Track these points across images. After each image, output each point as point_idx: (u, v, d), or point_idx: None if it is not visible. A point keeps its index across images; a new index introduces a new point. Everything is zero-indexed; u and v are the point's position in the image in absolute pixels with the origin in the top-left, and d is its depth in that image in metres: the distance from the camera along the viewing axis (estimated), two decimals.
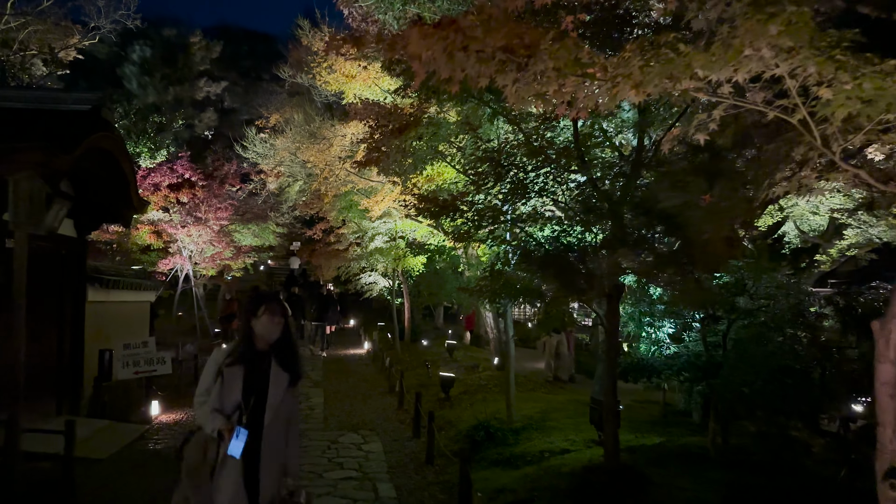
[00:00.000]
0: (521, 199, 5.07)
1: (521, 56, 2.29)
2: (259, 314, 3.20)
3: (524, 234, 5.25)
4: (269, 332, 3.20)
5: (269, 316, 3.20)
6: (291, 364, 3.31)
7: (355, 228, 17.88)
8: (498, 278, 5.41)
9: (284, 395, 3.26)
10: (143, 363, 9.34)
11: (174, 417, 9.53)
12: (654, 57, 2.24)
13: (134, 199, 9.39)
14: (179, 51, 35.80)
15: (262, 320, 3.19)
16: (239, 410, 3.17)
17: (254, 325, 3.21)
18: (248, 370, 3.18)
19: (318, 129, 13.94)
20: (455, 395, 11.03)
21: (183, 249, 17.94)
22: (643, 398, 10.26)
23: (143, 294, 12.02)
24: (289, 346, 3.32)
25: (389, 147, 6.91)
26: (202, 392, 3.37)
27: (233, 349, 3.29)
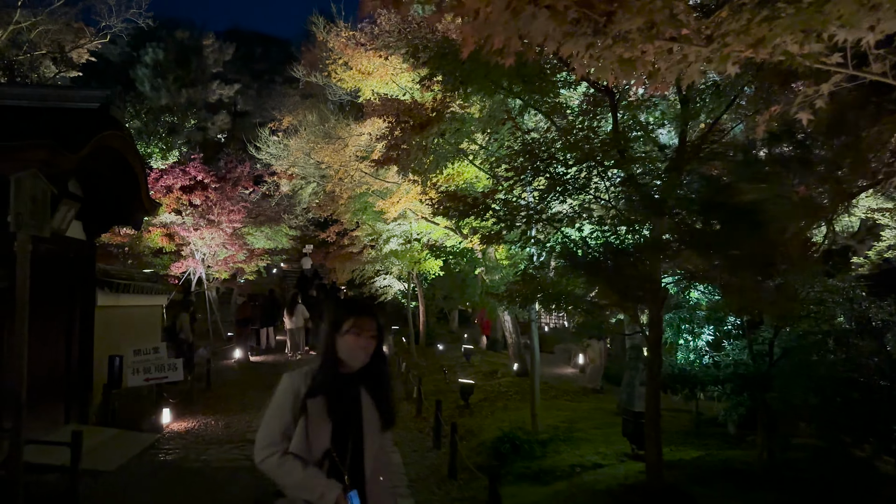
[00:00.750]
0: (559, 196, 4.70)
1: (600, 13, 1.91)
2: (344, 330, 2.40)
3: (561, 234, 4.88)
4: (355, 354, 2.39)
5: (356, 334, 2.39)
6: (384, 399, 2.51)
7: (370, 231, 17.57)
8: (530, 282, 5.05)
9: (381, 441, 2.52)
10: (153, 370, 9.05)
11: (186, 426, 9.23)
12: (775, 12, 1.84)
13: (145, 201, 9.12)
14: (192, 53, 35.68)
15: (347, 339, 2.39)
16: (328, 460, 2.36)
17: (338, 344, 2.42)
18: (334, 403, 2.38)
19: (333, 128, 13.62)
20: (475, 403, 10.66)
21: (195, 252, 17.71)
22: (670, 406, 9.84)
23: (154, 298, 11.76)
24: (382, 376, 2.52)
25: (410, 144, 6.56)
26: (275, 436, 2.40)
27: (314, 372, 2.44)
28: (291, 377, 2.44)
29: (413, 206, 13.58)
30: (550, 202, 4.84)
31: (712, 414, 8.49)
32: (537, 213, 4.83)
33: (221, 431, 9.02)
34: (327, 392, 2.37)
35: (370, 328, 2.41)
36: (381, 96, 8.20)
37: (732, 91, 4.54)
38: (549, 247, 4.95)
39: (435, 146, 6.59)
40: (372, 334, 2.41)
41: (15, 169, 5.39)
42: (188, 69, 33.90)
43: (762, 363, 5.37)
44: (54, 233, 7.87)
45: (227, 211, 17.97)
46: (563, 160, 4.58)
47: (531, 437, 7.35)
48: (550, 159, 4.60)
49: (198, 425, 9.33)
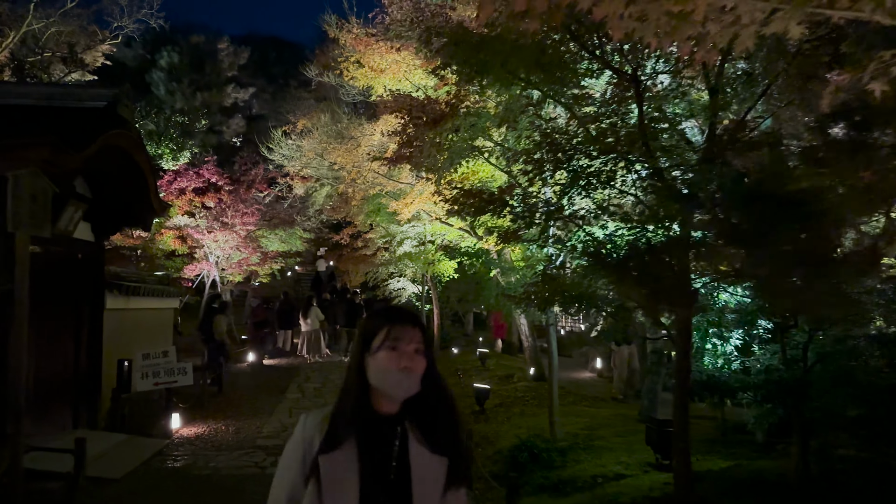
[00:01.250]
0: (582, 191, 4.43)
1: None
2: (376, 345, 1.66)
3: (583, 232, 4.62)
4: (395, 380, 1.63)
5: (394, 348, 1.64)
6: (447, 444, 1.71)
7: (383, 233, 17.37)
8: (550, 283, 4.79)
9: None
10: (163, 374, 8.88)
11: (196, 431, 9.04)
12: None
13: (154, 202, 8.97)
14: (207, 57, 35.77)
15: (381, 359, 1.65)
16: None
17: (369, 367, 1.67)
18: (363, 457, 1.64)
19: (346, 128, 13.44)
20: (490, 408, 10.39)
21: (209, 255, 17.60)
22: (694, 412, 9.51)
23: (165, 301, 11.62)
24: (440, 409, 1.73)
25: (423, 140, 6.32)
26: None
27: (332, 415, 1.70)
28: (304, 423, 1.73)
29: (427, 207, 13.35)
30: (572, 198, 4.57)
31: (737, 420, 8.17)
32: (557, 210, 4.57)
33: (231, 437, 8.82)
34: (355, 439, 1.63)
35: (413, 340, 1.66)
36: (394, 93, 7.99)
37: (765, 79, 4.26)
38: (569, 245, 4.69)
39: (449, 143, 6.34)
40: (417, 348, 1.65)
41: (18, 168, 5.23)
42: (203, 73, 33.99)
43: (796, 369, 5.06)
44: (61, 234, 7.74)
45: (241, 213, 17.84)
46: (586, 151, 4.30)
47: (550, 445, 7.07)
48: (574, 151, 4.32)
49: (208, 430, 9.14)
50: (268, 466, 7.37)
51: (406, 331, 1.67)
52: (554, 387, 7.61)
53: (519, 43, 4.09)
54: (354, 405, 1.67)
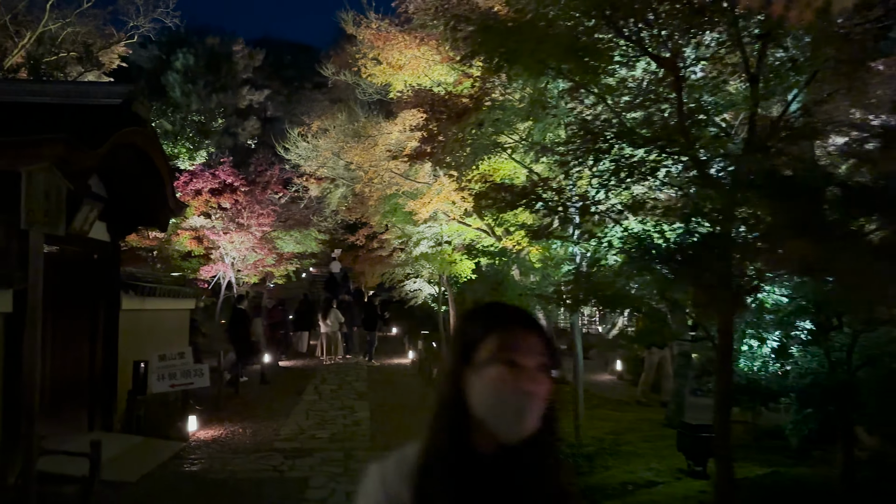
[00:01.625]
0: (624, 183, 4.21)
1: None
2: (484, 358, 1.16)
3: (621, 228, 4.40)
4: (516, 409, 1.13)
5: (511, 363, 1.14)
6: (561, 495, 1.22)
7: (399, 233, 17.20)
8: (583, 282, 4.58)
9: None
10: (179, 375, 8.75)
11: (212, 434, 8.90)
12: None
13: (170, 201, 8.85)
14: (222, 59, 35.85)
15: (492, 378, 1.14)
16: None
17: (472, 389, 1.17)
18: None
19: (363, 127, 13.27)
20: None
21: (225, 256, 17.53)
22: None
23: (181, 302, 11.51)
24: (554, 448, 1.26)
25: (446, 136, 6.12)
26: None
27: (423, 462, 1.19)
28: (382, 475, 1.24)
29: (444, 207, 13.16)
30: (610, 191, 4.35)
31: (768, 425, 7.90)
32: (594, 204, 4.35)
33: (248, 440, 8.68)
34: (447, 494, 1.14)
35: (536, 351, 1.17)
36: (415, 88, 7.80)
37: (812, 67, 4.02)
38: (605, 242, 4.47)
39: (472, 138, 6.14)
40: (541, 363, 1.17)
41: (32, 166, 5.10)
42: (218, 74, 34.06)
43: (840, 372, 4.81)
44: (76, 234, 7.63)
45: (257, 214, 17.78)
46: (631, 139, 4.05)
47: (576, 450, 6.84)
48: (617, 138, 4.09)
49: (224, 433, 9.00)
50: (286, 470, 7.21)
51: (525, 338, 1.18)
52: (579, 390, 7.38)
53: (550, 30, 3.91)
54: (451, 444, 1.17)
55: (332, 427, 9.47)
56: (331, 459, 7.66)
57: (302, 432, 9.12)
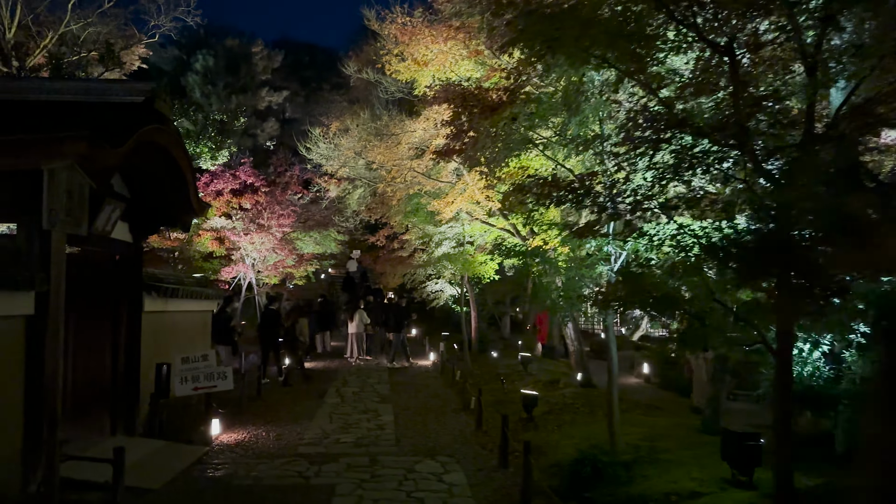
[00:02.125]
0: (685, 175, 3.93)
1: None
2: None
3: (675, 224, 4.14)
4: None
5: None
6: None
7: (420, 234, 17.02)
8: (630, 283, 4.32)
9: None
10: (202, 378, 8.61)
11: (236, 438, 8.75)
12: None
13: (193, 202, 8.71)
14: (242, 60, 35.93)
15: None
16: None
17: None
18: None
19: (385, 126, 13.10)
20: (538, 416, 9.91)
21: (246, 257, 17.46)
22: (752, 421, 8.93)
23: (203, 303, 11.39)
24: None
25: (477, 131, 5.89)
26: None
27: None
28: None
29: (468, 206, 12.95)
30: (667, 184, 4.08)
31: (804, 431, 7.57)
32: (647, 199, 4.09)
33: (272, 444, 8.51)
34: None
35: None
36: (443, 82, 7.56)
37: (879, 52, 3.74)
38: (656, 240, 4.21)
39: (504, 133, 5.90)
40: None
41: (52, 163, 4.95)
42: (237, 76, 34.14)
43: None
44: (99, 234, 7.51)
45: (277, 215, 17.70)
46: (695, 128, 3.77)
47: (613, 458, 6.58)
48: (678, 127, 3.81)
49: (248, 437, 8.85)
50: (311, 476, 7.02)
51: None
52: (613, 394, 7.12)
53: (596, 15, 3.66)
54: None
55: (357, 431, 9.28)
56: (356, 465, 7.47)
57: (326, 436, 8.94)
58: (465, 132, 6.27)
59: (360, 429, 9.45)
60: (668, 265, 4.23)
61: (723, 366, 8.21)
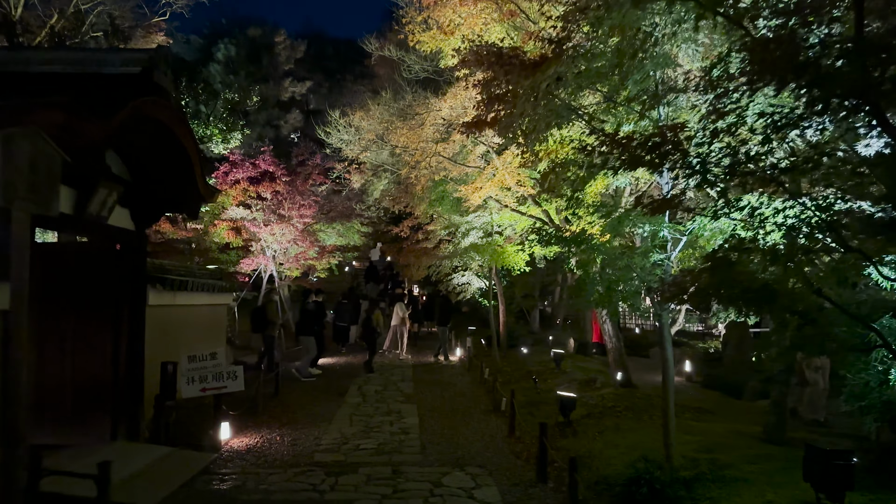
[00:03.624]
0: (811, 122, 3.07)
1: None
2: None
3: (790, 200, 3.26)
4: None
5: None
6: None
7: (446, 223, 16.21)
8: (725, 271, 3.45)
9: None
10: (210, 379, 7.91)
11: (247, 442, 8.06)
12: None
13: (200, 186, 7.99)
14: (264, 50, 35.44)
15: None
16: None
17: None
18: None
19: (409, 105, 12.28)
20: (577, 419, 9.06)
21: (266, 249, 16.81)
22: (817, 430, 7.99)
23: (217, 297, 10.73)
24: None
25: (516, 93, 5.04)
26: None
27: None
28: None
29: (497, 193, 12.10)
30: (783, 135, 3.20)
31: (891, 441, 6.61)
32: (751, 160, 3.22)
33: (287, 450, 7.80)
34: None
35: None
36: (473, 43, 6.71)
37: None
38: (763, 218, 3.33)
39: (547, 98, 5.04)
40: None
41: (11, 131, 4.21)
42: (260, 65, 33.64)
43: None
44: (94, 220, 6.84)
45: (298, 206, 17.02)
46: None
47: (670, 475, 5.71)
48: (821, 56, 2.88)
49: (260, 441, 8.15)
50: (326, 490, 6.27)
51: None
52: (669, 401, 6.24)
53: None
54: None
55: (378, 436, 8.53)
56: (378, 476, 6.70)
57: (345, 441, 8.20)
58: (499, 98, 5.41)
59: (382, 433, 8.69)
60: (769, 249, 3.36)
61: (787, 366, 7.27)
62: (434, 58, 11.25)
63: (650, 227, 5.58)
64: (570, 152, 6.00)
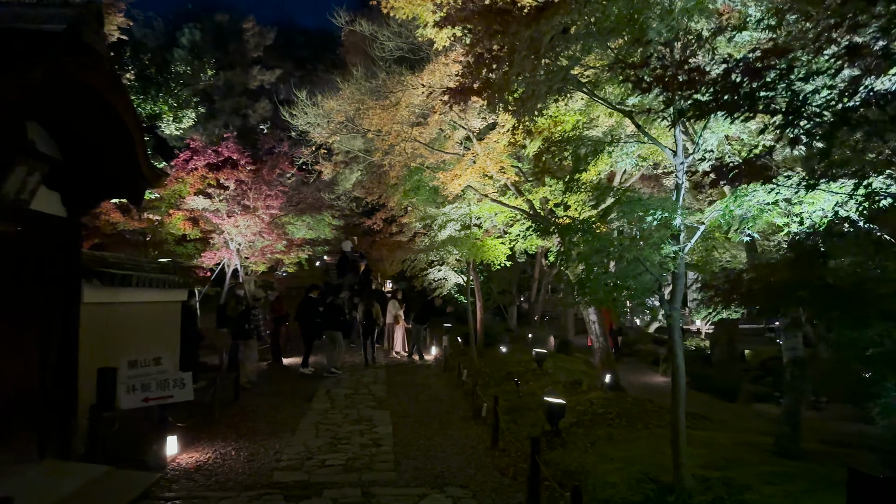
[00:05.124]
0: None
1: None
2: None
3: None
4: None
5: None
6: None
7: (421, 215, 15.34)
8: (806, 266, 2.68)
9: None
10: (154, 387, 6.97)
11: (198, 458, 7.13)
12: None
13: (143, 167, 7.02)
14: (231, 36, 34.15)
15: None
16: None
17: None
18: None
19: (384, 83, 11.34)
20: (565, 428, 8.32)
21: (230, 242, 15.74)
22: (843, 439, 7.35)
23: (169, 293, 9.71)
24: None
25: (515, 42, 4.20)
26: None
27: None
28: None
29: (477, 182, 11.28)
30: None
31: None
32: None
33: (242, 467, 6.89)
34: None
35: None
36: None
37: None
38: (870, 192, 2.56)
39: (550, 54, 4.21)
40: None
41: None
42: (226, 52, 32.35)
43: None
44: (12, 204, 5.84)
45: (264, 196, 15.98)
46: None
47: (681, 498, 4.95)
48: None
49: (213, 457, 7.23)
50: None
51: None
52: (680, 414, 5.46)
53: None
54: None
55: (347, 448, 7.66)
56: (346, 501, 5.85)
57: (309, 456, 7.31)
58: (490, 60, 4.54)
59: (351, 445, 7.82)
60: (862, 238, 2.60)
61: (801, 372, 6.59)
62: (410, 31, 10.36)
63: (661, 213, 4.81)
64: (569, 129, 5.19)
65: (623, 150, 5.25)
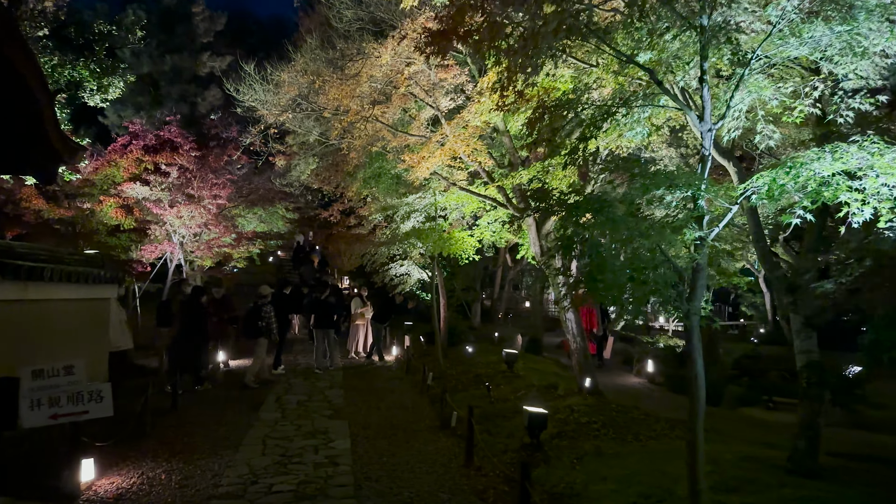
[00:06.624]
0: None
1: None
2: None
3: None
4: None
5: None
6: None
7: (383, 205, 14.28)
8: None
9: None
10: (65, 401, 5.79)
11: (120, 484, 6.01)
12: None
13: (53, 138, 5.88)
14: (180, 19, 32.39)
15: None
16: None
17: None
18: None
19: (341, 55, 10.19)
20: (547, 440, 7.44)
21: (172, 234, 14.41)
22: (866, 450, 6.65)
23: (95, 289, 8.45)
24: None
25: None
26: None
27: None
28: None
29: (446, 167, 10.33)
30: None
31: None
32: None
33: (173, 495, 5.80)
34: None
35: None
36: None
37: None
38: None
39: None
40: None
41: None
42: (173, 34, 30.63)
43: None
44: None
45: (210, 185, 14.70)
46: None
47: None
48: None
49: (138, 482, 6.11)
50: None
51: None
52: (698, 432, 4.63)
53: None
54: None
55: (299, 469, 6.61)
56: None
57: (254, 479, 6.25)
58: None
59: (303, 464, 6.77)
60: None
61: (819, 378, 5.83)
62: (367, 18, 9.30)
63: (686, 189, 3.95)
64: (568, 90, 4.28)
65: (633, 117, 4.39)
